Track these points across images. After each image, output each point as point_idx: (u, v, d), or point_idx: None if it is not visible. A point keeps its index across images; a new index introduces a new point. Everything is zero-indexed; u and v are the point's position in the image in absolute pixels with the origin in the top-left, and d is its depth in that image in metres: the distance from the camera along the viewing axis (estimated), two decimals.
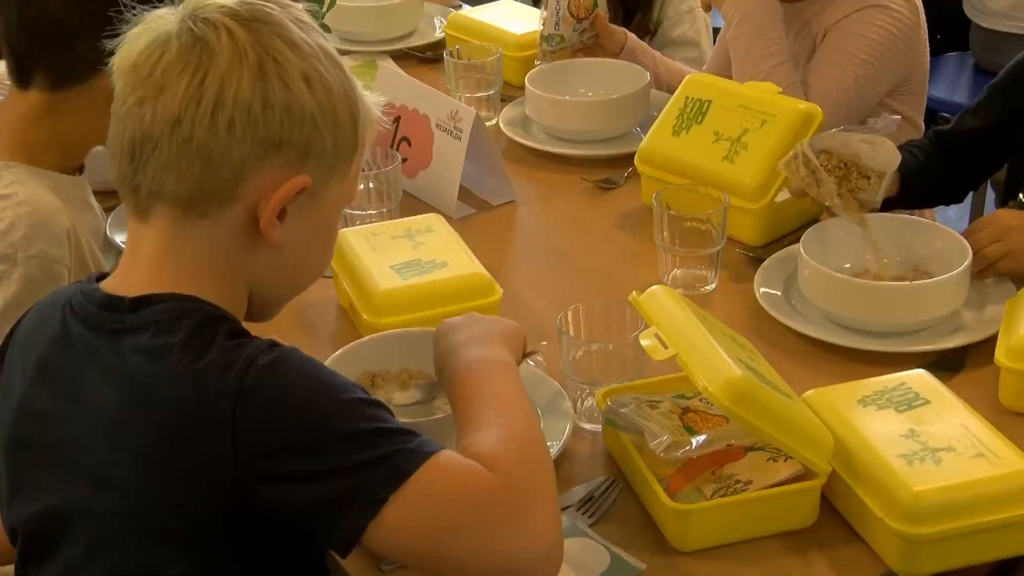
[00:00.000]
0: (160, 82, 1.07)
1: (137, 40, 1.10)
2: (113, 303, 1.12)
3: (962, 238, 1.71)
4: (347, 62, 1.16)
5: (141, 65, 1.08)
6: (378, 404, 1.07)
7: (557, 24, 2.38)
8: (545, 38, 2.38)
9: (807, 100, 2.05)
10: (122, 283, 1.14)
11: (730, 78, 2.34)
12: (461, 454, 1.06)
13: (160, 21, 1.09)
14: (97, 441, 1.09)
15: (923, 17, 2.22)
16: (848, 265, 1.76)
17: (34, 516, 1.14)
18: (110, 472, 1.08)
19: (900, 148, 1.81)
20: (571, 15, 2.37)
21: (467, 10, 2.72)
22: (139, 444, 1.05)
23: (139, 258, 1.13)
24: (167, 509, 1.05)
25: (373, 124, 1.18)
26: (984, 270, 1.71)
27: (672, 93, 2.07)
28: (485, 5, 2.70)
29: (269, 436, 1.02)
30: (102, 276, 1.18)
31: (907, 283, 1.69)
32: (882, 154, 1.73)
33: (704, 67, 2.52)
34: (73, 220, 1.56)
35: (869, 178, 1.74)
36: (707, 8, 2.31)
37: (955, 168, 1.89)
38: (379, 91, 2.15)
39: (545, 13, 2.38)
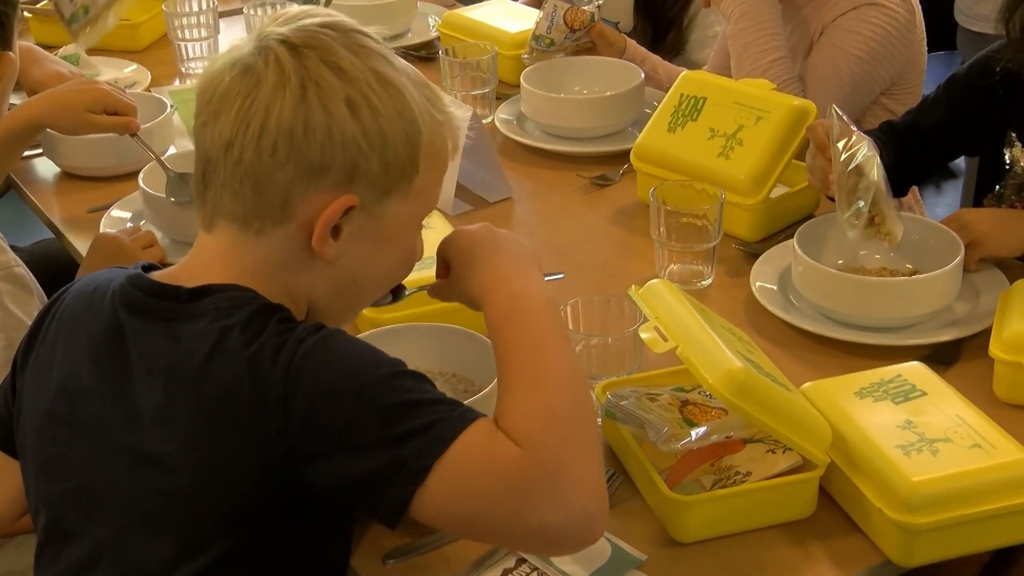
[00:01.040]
0: (217, 107, 1.13)
1: (211, 65, 1.16)
2: (170, 291, 1.15)
3: (954, 233, 1.72)
4: None
5: (206, 90, 1.15)
6: (419, 376, 1.09)
7: (550, 28, 2.41)
8: (536, 37, 2.42)
9: (804, 96, 2.07)
10: (183, 275, 1.18)
11: (730, 76, 2.36)
12: (496, 421, 1.07)
13: (235, 50, 1.15)
14: (144, 420, 1.11)
15: (919, 16, 2.24)
16: (841, 261, 1.78)
17: (66, 493, 1.16)
18: (158, 450, 1.10)
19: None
20: (565, 24, 2.39)
21: (461, 9, 2.73)
22: (192, 422, 1.08)
23: (203, 259, 1.18)
24: (217, 486, 1.08)
25: (445, 139, 1.20)
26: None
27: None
28: (478, 4, 2.71)
29: (315, 412, 1.05)
30: (149, 267, 1.21)
31: (900, 279, 1.70)
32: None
33: (707, 64, 2.54)
34: None
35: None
36: (706, 4, 2.31)
37: (904, 162, 1.91)
38: None
39: (541, 14, 2.40)
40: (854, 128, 1.70)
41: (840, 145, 1.69)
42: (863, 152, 1.67)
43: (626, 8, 2.80)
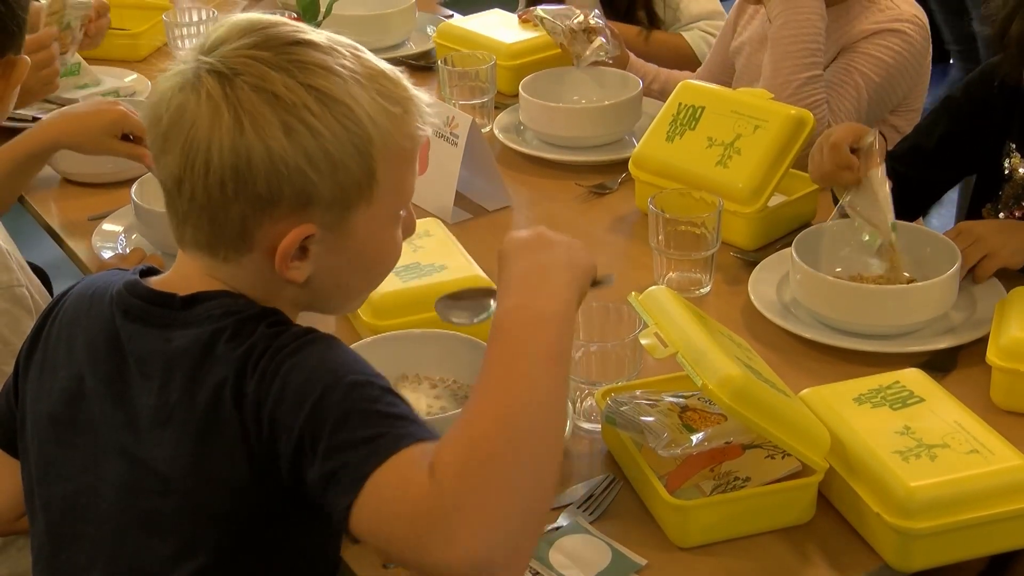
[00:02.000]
0: (162, 144, 1.11)
1: (151, 97, 1.14)
2: (165, 299, 1.15)
3: (951, 242, 1.73)
4: None
5: (151, 125, 1.12)
6: (388, 390, 1.06)
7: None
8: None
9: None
10: (177, 282, 1.17)
11: (726, 83, 2.38)
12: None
13: (171, 79, 1.11)
14: (141, 422, 1.12)
15: (930, 40, 2.26)
16: (839, 269, 1.79)
17: (65, 496, 1.17)
18: (154, 452, 1.10)
19: None
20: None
21: (455, 20, 2.74)
22: (185, 425, 1.09)
23: (187, 271, 1.17)
24: (211, 488, 1.08)
25: (406, 132, 1.14)
26: (972, 276, 1.75)
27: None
28: (474, 15, 2.72)
29: (279, 415, 1.04)
30: (148, 271, 1.21)
31: (898, 286, 1.71)
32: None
33: (699, 70, 2.57)
34: None
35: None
36: (757, 2, 2.29)
37: (912, 187, 1.92)
38: None
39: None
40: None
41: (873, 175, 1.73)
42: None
43: None
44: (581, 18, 2.33)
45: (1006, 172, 1.92)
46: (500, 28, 2.60)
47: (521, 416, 1.01)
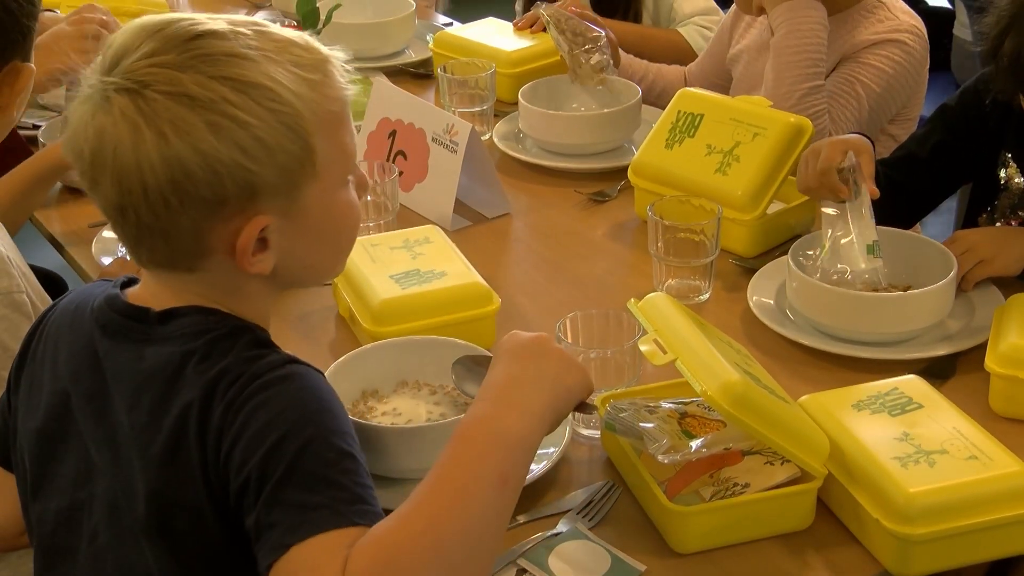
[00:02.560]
0: (92, 174, 1.07)
1: (68, 128, 1.09)
2: (140, 314, 1.13)
3: (948, 250, 1.74)
4: None
5: (76, 158, 1.08)
6: (348, 453, 1.02)
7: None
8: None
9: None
10: (150, 297, 1.15)
11: (718, 84, 2.40)
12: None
13: (80, 106, 1.07)
14: (119, 440, 1.11)
15: (928, 50, 2.27)
16: (836, 276, 1.79)
17: (59, 511, 1.16)
18: (128, 469, 1.09)
19: None
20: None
21: (452, 29, 2.73)
22: (152, 446, 1.07)
23: (157, 288, 1.15)
24: (175, 507, 1.06)
25: (332, 96, 1.10)
26: (962, 281, 1.75)
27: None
28: (470, 23, 2.73)
29: (235, 452, 1.02)
30: (130, 282, 1.19)
31: (894, 294, 1.72)
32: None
33: (691, 66, 2.60)
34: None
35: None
36: (759, 13, 2.29)
37: (905, 195, 1.92)
38: (375, 106, 2.20)
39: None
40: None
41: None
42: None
43: None
44: (589, 47, 2.32)
45: (1002, 182, 1.93)
46: (497, 36, 2.61)
47: (452, 535, 0.98)
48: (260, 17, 2.71)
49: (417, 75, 2.70)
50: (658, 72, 2.56)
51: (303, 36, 1.12)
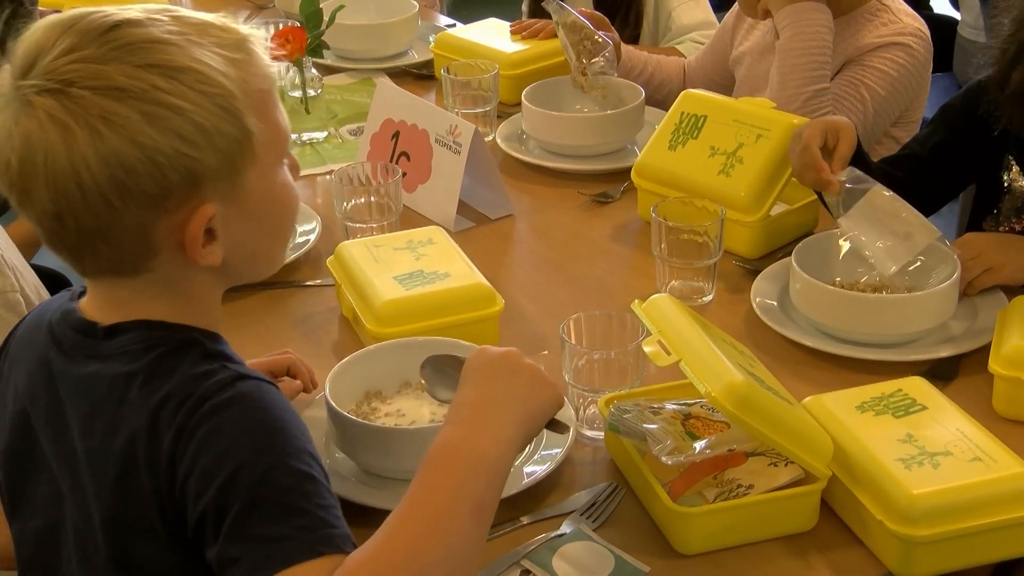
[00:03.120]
0: (22, 186, 1.02)
1: None
2: (89, 328, 1.10)
3: (951, 252, 1.74)
4: (343, 79, 1.10)
5: (3, 171, 1.03)
6: (308, 475, 1.00)
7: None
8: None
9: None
10: (94, 310, 1.12)
11: (718, 83, 2.40)
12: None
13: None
14: (72, 463, 1.08)
15: (931, 53, 2.27)
16: (839, 278, 1.79)
17: (37, 531, 1.14)
18: (85, 492, 1.07)
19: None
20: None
21: (453, 31, 2.73)
22: (105, 472, 1.05)
23: (102, 299, 1.12)
24: (131, 536, 1.04)
25: (256, 73, 1.08)
26: (967, 287, 1.74)
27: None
28: (471, 24, 2.72)
29: (191, 482, 0.99)
30: (85, 292, 1.15)
31: (897, 295, 1.72)
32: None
33: (690, 60, 2.62)
34: None
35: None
36: (764, 16, 2.28)
37: (905, 196, 1.93)
38: (379, 107, 2.20)
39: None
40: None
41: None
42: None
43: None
44: (596, 59, 2.32)
45: (1005, 185, 1.93)
46: (497, 37, 2.61)
47: (434, 562, 0.98)
48: (261, 19, 2.72)
49: (419, 76, 2.70)
50: (657, 64, 2.58)
51: (218, 16, 1.09)
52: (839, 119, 1.83)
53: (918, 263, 1.75)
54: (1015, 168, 1.91)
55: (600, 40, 2.31)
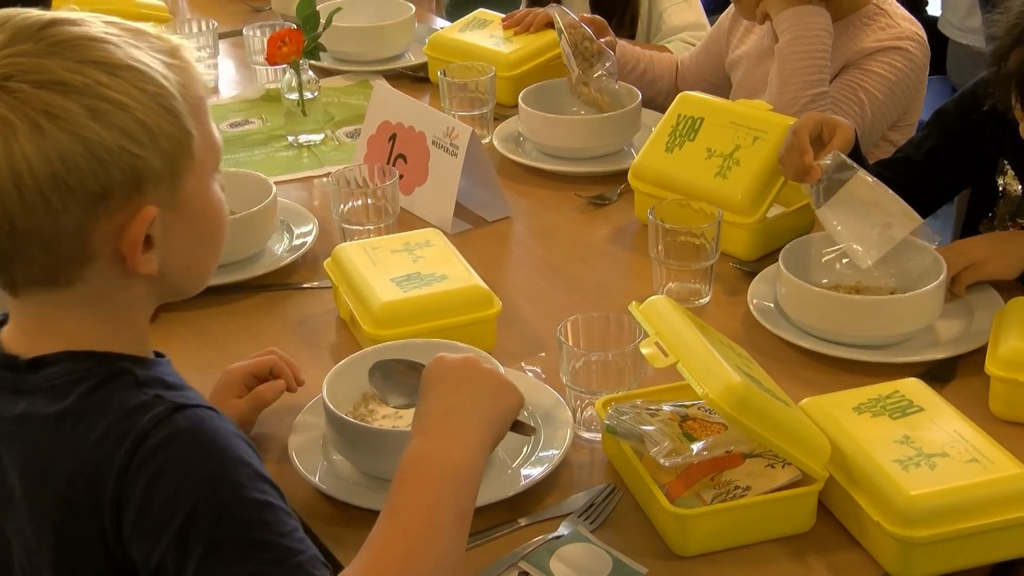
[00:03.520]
0: None
1: None
2: (10, 362, 1.06)
3: (939, 254, 1.74)
4: (340, 81, 1.09)
5: None
6: (264, 503, 0.98)
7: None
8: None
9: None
10: (15, 339, 1.07)
11: (712, 83, 2.40)
12: None
13: None
14: (14, 507, 1.05)
15: (929, 56, 2.28)
16: (826, 280, 1.79)
17: None
18: (27, 540, 1.04)
19: None
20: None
21: (446, 30, 2.71)
22: (45, 517, 1.01)
23: (25, 325, 1.07)
24: None
25: (192, 79, 1.06)
26: (953, 285, 1.75)
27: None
28: (459, 21, 2.70)
29: (145, 522, 0.97)
30: (6, 319, 1.11)
31: (882, 297, 1.73)
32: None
33: (684, 56, 2.62)
34: None
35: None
36: (763, 20, 2.28)
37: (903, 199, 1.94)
38: (375, 110, 2.20)
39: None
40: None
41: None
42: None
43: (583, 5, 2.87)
44: (599, 74, 2.32)
45: (1000, 189, 1.93)
46: (490, 38, 2.59)
47: (415, 566, 0.98)
48: (258, 22, 2.71)
49: (416, 79, 2.70)
50: (650, 61, 2.58)
51: (149, 25, 1.07)
52: (841, 119, 1.84)
53: (905, 258, 1.76)
54: (1010, 172, 1.92)
55: (605, 54, 2.32)
